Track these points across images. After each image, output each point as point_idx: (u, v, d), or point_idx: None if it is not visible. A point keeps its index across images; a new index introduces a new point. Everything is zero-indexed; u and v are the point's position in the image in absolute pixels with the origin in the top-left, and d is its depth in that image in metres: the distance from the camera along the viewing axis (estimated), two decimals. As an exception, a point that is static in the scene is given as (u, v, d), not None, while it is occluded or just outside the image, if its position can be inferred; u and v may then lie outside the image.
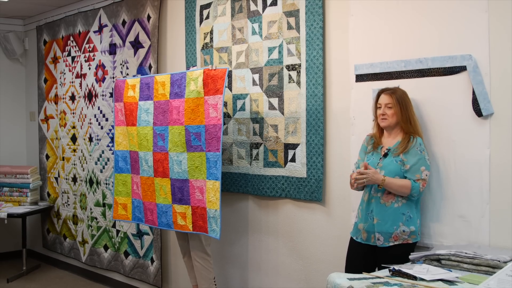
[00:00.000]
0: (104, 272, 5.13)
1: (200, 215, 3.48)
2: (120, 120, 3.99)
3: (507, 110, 2.59)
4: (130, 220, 4.00)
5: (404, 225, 2.74)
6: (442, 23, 2.81)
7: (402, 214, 2.74)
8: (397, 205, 2.75)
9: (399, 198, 2.75)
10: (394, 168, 2.76)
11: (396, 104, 2.78)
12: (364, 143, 3.00)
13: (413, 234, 2.75)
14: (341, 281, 2.23)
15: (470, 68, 2.69)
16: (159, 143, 3.63)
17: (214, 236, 3.40)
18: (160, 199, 3.68)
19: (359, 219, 2.91)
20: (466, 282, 2.18)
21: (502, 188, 2.61)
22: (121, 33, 4.79)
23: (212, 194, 3.40)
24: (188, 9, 4.21)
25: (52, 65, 5.74)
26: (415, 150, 2.72)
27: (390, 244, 2.75)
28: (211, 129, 3.38)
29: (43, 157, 5.89)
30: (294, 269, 3.60)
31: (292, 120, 3.51)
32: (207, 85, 3.39)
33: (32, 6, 5.57)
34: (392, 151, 2.81)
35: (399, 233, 2.74)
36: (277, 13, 3.57)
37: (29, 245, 5.94)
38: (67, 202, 5.55)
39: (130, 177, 3.95)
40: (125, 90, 3.91)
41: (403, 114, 2.78)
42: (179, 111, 3.52)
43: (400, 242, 2.74)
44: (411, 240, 2.75)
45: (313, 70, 3.38)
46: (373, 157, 2.88)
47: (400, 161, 2.75)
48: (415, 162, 2.72)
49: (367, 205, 2.84)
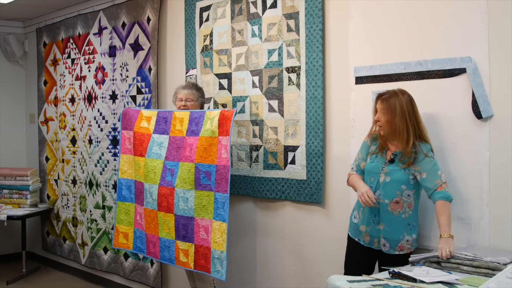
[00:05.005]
0: (103, 274, 5.13)
1: (203, 254, 3.43)
2: (127, 148, 3.90)
3: (507, 112, 2.59)
4: (131, 250, 3.91)
5: (408, 234, 2.72)
6: (441, 25, 2.81)
7: (408, 225, 2.73)
8: (404, 215, 2.71)
9: (407, 209, 2.71)
10: (401, 177, 2.68)
11: (388, 110, 2.66)
12: (367, 142, 2.88)
13: (414, 242, 2.75)
14: (341, 283, 2.23)
15: (469, 70, 2.69)
16: (167, 177, 3.57)
17: (219, 277, 3.35)
18: (163, 233, 3.61)
19: (360, 220, 2.85)
20: (466, 284, 2.18)
21: (502, 191, 2.61)
22: (121, 35, 4.79)
23: (218, 235, 3.35)
24: (188, 11, 4.21)
25: (52, 67, 5.74)
26: (427, 158, 2.63)
27: (395, 253, 2.74)
28: (221, 170, 3.34)
29: (42, 159, 5.89)
30: (294, 271, 3.60)
31: (292, 122, 3.52)
32: (222, 126, 3.37)
33: (32, 8, 5.57)
34: (398, 157, 2.71)
35: (404, 243, 2.72)
36: (277, 15, 3.57)
37: (29, 247, 5.93)
38: (66, 204, 5.55)
39: (133, 207, 3.87)
40: (138, 120, 3.83)
41: (395, 121, 2.65)
42: (192, 148, 3.48)
43: (405, 252, 2.73)
44: (413, 248, 2.76)
45: (313, 72, 3.38)
46: (377, 160, 2.79)
47: (409, 170, 2.66)
48: (431, 168, 2.62)
49: (371, 209, 2.77)
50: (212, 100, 4.03)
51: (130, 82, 4.72)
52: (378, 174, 2.76)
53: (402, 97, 2.67)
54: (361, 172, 2.89)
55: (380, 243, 2.77)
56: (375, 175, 2.77)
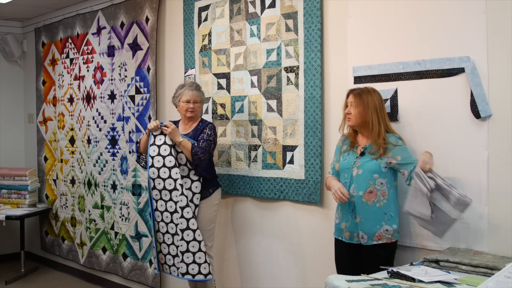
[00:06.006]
0: (102, 274, 5.12)
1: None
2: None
3: (505, 111, 2.59)
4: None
5: (387, 224, 2.78)
6: (440, 24, 2.81)
7: (384, 214, 2.79)
8: (379, 204, 2.79)
9: (381, 198, 2.79)
10: (373, 166, 2.79)
11: (360, 104, 2.81)
12: (339, 144, 3.03)
13: (396, 232, 2.80)
14: (340, 283, 2.23)
15: (468, 70, 2.69)
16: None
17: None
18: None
19: (340, 219, 2.95)
20: (464, 284, 2.18)
21: (501, 190, 2.61)
22: (120, 35, 4.79)
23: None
24: (186, 11, 4.21)
25: (50, 67, 5.74)
26: (398, 147, 2.77)
27: (374, 243, 2.79)
28: None
29: (41, 159, 5.89)
30: (293, 271, 3.60)
31: (290, 122, 3.51)
32: None
33: (31, 8, 5.57)
34: (368, 149, 2.84)
35: (382, 233, 2.77)
36: (276, 15, 3.57)
37: (28, 247, 5.93)
38: (65, 204, 5.54)
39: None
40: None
41: (368, 115, 2.79)
42: None
43: (385, 242, 2.78)
44: (394, 239, 2.80)
45: (312, 72, 3.38)
46: (349, 157, 2.91)
47: (381, 159, 2.78)
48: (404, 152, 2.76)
49: (348, 204, 2.86)
50: (210, 100, 4.02)
51: (128, 82, 4.71)
52: (351, 169, 2.86)
53: (374, 94, 2.83)
54: (337, 174, 3.00)
55: (359, 236, 2.83)
56: (348, 171, 2.87)
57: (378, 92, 2.86)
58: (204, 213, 3.63)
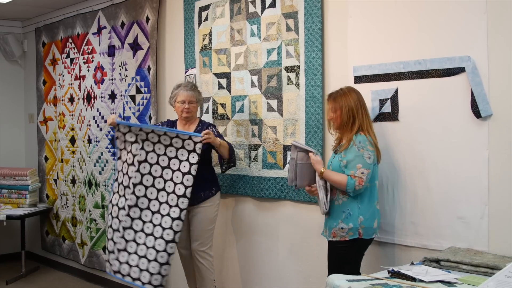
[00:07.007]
0: (103, 274, 5.12)
1: None
2: None
3: (506, 111, 2.59)
4: None
5: (343, 222, 2.81)
6: (440, 24, 2.81)
7: (342, 212, 2.83)
8: (338, 202, 2.85)
9: (340, 196, 2.84)
10: (336, 164, 2.86)
11: (337, 108, 2.85)
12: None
13: (351, 231, 2.80)
14: (340, 283, 2.24)
15: (468, 70, 2.69)
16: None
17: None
18: None
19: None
20: (465, 284, 2.18)
21: (501, 189, 2.61)
22: (120, 35, 4.79)
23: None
24: (186, 11, 4.21)
25: (51, 67, 5.74)
26: (354, 147, 2.78)
27: (329, 239, 2.87)
28: None
29: (42, 159, 5.89)
30: (294, 271, 3.60)
31: (291, 121, 3.51)
32: None
33: (31, 8, 5.57)
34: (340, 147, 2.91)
35: (337, 230, 2.83)
36: (276, 14, 3.57)
37: (28, 247, 5.93)
38: (66, 204, 5.54)
39: None
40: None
41: (344, 116, 2.83)
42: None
43: (338, 239, 2.83)
44: (348, 237, 2.81)
45: (312, 71, 3.38)
46: (332, 156, 3.00)
47: (341, 158, 2.83)
48: (352, 159, 2.77)
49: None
50: (211, 99, 4.02)
51: (129, 82, 4.71)
52: (329, 167, 2.94)
53: (349, 95, 2.86)
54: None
55: (325, 232, 2.94)
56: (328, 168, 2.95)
57: (355, 91, 2.89)
58: (207, 213, 3.63)
